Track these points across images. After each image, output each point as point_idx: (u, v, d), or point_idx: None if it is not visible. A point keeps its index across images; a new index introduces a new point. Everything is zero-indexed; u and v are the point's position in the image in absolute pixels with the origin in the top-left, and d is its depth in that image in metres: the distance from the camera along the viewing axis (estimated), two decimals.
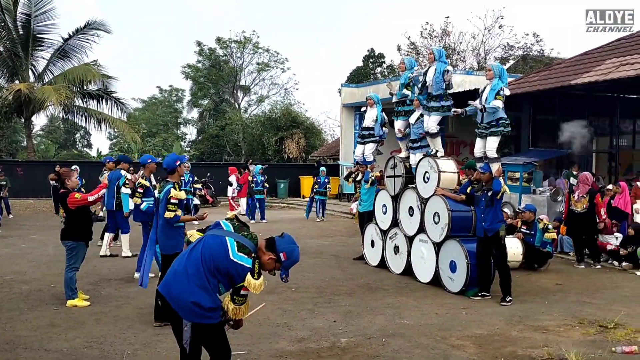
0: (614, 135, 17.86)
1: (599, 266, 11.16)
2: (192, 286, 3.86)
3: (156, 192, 8.43)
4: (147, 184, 9.51)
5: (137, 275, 9.34)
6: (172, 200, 6.79)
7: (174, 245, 6.82)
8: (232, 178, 19.35)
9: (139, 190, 9.44)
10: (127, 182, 11.20)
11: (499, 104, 8.68)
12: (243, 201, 20.70)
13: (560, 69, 17.08)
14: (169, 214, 6.79)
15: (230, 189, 19.43)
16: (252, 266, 3.89)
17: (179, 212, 6.91)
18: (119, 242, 12.31)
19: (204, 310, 3.86)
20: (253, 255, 3.94)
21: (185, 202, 7.27)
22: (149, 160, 9.36)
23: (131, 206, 10.66)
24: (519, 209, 12.26)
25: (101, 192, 8.03)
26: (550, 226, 11.31)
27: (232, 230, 4.03)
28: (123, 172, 11.35)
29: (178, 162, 7.03)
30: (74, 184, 7.77)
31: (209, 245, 3.96)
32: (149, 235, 7.25)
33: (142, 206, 9.48)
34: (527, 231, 11.20)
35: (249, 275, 3.87)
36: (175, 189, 6.84)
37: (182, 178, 18.09)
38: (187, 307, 3.87)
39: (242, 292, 3.93)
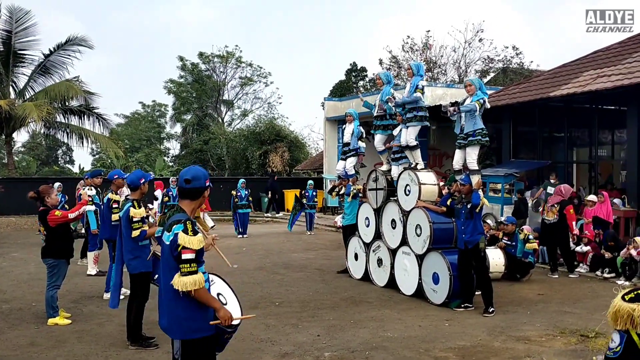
0: (593, 146, 18.10)
1: (575, 275, 11.28)
2: (171, 304, 3.90)
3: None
4: (118, 198, 9.25)
5: (106, 296, 9.17)
6: (135, 219, 6.76)
7: (139, 264, 6.77)
8: (158, 192, 19.40)
9: (113, 206, 9.21)
10: (89, 198, 11.06)
11: (473, 106, 8.71)
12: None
13: (540, 81, 17.31)
14: (135, 233, 6.76)
15: (155, 203, 19.44)
16: (185, 227, 3.82)
17: (145, 227, 6.88)
18: (85, 261, 12.19)
19: (185, 321, 3.86)
20: (182, 220, 3.88)
21: (147, 218, 7.18)
22: (116, 176, 9.15)
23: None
24: (500, 220, 12.38)
25: (82, 209, 7.96)
26: (531, 236, 11.43)
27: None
28: (86, 189, 11.21)
29: (142, 180, 6.99)
30: (53, 201, 7.71)
31: (162, 253, 4.02)
32: (116, 253, 7.19)
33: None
34: (509, 242, 11.31)
35: (181, 234, 3.79)
36: (134, 207, 6.81)
37: (170, 193, 18.20)
38: (174, 325, 3.91)
39: (183, 255, 3.77)
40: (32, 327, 7.57)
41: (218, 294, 4.27)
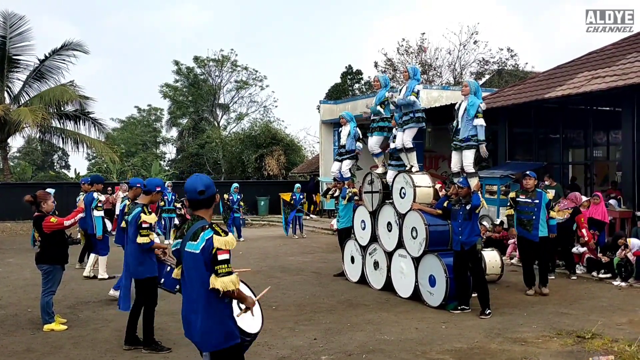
0: (589, 147, 18.15)
1: (574, 277, 11.28)
2: (200, 316, 3.90)
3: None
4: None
5: (112, 292, 9.30)
6: (144, 225, 6.73)
7: (145, 269, 6.77)
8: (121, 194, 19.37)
9: (98, 205, 9.18)
10: (99, 204, 11.10)
11: (482, 122, 8.84)
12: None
13: (535, 82, 17.35)
14: (143, 239, 6.72)
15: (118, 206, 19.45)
16: (214, 230, 3.87)
17: (153, 236, 6.86)
18: (83, 265, 12.18)
19: (216, 332, 3.89)
20: (207, 226, 3.92)
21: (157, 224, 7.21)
22: (138, 185, 9.13)
23: (110, 227, 10.49)
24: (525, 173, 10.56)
25: (77, 217, 7.95)
26: (553, 204, 10.19)
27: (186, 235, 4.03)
28: (95, 194, 11.22)
29: (158, 189, 7.08)
30: (49, 208, 7.69)
31: (187, 265, 3.97)
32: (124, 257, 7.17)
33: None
34: (530, 200, 9.81)
35: (215, 237, 3.84)
36: (145, 212, 6.79)
37: (166, 197, 18.16)
38: (206, 338, 3.92)
39: (219, 256, 3.82)
40: (27, 333, 7.54)
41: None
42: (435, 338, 7.15)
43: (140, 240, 6.73)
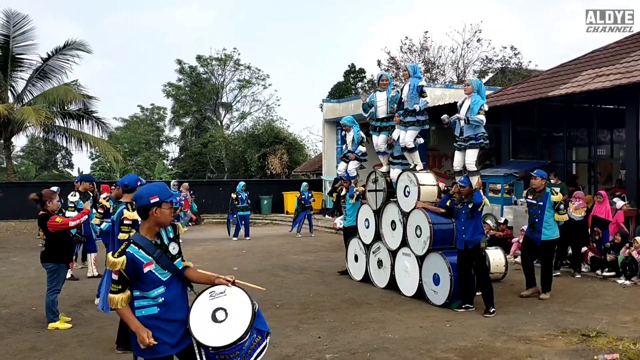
0: (592, 146, 18.11)
1: (579, 275, 11.25)
2: None
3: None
4: (108, 204, 9.19)
5: (97, 301, 9.18)
6: (126, 222, 6.63)
7: None
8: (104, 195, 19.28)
9: (99, 210, 9.20)
10: (70, 204, 11.18)
11: (482, 117, 8.77)
12: None
13: (538, 81, 17.31)
14: (122, 236, 6.61)
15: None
16: (116, 249, 3.91)
17: (133, 233, 6.78)
18: (86, 263, 12.23)
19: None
20: (125, 242, 3.95)
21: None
22: (118, 185, 9.09)
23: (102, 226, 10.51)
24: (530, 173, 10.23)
25: (83, 218, 7.95)
26: (562, 206, 9.47)
27: None
28: (70, 195, 11.31)
29: (139, 183, 6.90)
30: (54, 207, 7.70)
31: None
32: None
33: (102, 226, 9.21)
34: (534, 201, 9.45)
35: (109, 254, 3.86)
36: (128, 209, 6.70)
37: (179, 198, 18.10)
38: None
39: (112, 275, 3.83)
40: (32, 332, 7.57)
41: (217, 309, 3.97)
42: (440, 336, 7.14)
43: (120, 236, 6.63)
